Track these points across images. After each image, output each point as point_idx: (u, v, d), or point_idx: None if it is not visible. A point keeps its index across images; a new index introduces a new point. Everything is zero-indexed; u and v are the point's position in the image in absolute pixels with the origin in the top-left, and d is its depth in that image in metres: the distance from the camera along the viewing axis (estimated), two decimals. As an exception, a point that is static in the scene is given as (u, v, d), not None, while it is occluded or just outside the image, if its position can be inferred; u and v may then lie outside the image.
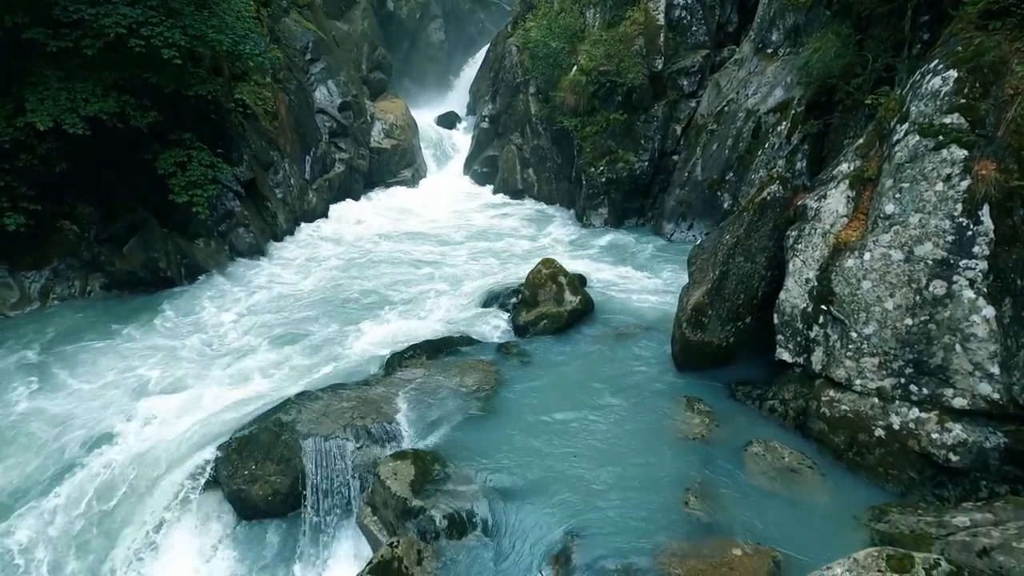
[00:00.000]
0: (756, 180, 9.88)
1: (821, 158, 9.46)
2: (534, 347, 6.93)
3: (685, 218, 11.50)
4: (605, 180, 12.37)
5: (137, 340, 7.50)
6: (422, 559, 4.07)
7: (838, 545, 3.86)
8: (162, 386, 6.50)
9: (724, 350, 6.21)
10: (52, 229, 8.26)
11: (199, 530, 5.09)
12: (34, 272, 8.23)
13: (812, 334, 5.35)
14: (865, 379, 4.93)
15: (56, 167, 7.84)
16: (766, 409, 5.63)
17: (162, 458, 5.38)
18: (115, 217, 8.86)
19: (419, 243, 11.81)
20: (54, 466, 5.39)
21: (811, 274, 5.40)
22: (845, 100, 8.76)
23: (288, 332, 7.75)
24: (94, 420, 5.89)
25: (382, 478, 4.65)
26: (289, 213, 12.38)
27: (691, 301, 6.22)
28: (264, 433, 5.31)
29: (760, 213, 6.05)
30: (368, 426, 5.32)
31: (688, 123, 12.43)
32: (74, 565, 4.73)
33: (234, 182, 10.45)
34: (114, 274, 8.69)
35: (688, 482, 4.65)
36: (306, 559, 4.77)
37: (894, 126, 5.28)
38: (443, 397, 5.82)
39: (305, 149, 13.96)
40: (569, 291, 7.68)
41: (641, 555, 4.01)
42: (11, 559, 4.67)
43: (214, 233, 10.13)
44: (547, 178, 15.12)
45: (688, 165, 11.74)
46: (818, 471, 4.83)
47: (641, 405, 5.74)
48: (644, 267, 9.82)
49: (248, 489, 5.11)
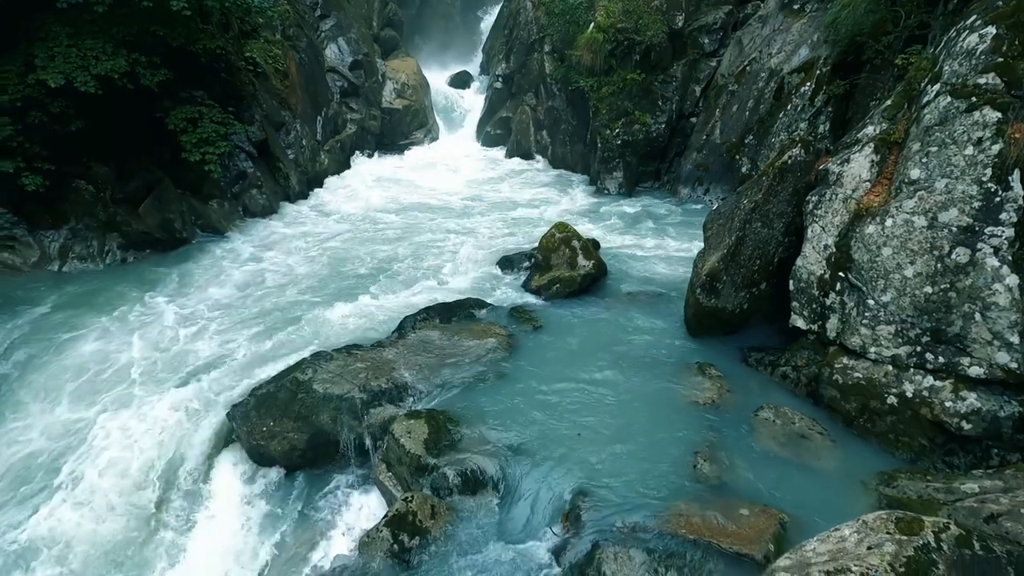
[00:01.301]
0: (776, 143, 9.62)
1: (845, 121, 9.16)
2: (547, 311, 6.95)
3: (702, 182, 11.30)
4: (620, 143, 12.12)
5: (156, 300, 7.63)
6: (435, 514, 4.19)
7: (845, 509, 3.90)
8: (177, 344, 6.64)
9: (737, 316, 6.18)
10: (68, 189, 8.31)
11: (220, 483, 5.27)
12: (53, 231, 8.33)
13: (828, 301, 5.29)
14: (880, 347, 4.89)
15: (70, 125, 7.83)
16: (778, 375, 5.64)
17: (183, 414, 5.54)
18: (129, 177, 8.89)
19: (430, 206, 11.75)
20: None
21: (830, 240, 5.31)
22: (874, 59, 8.41)
23: (300, 293, 7.83)
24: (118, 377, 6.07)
25: (396, 436, 4.76)
26: (301, 175, 12.33)
27: (706, 267, 6.16)
28: (281, 391, 5.43)
29: (780, 177, 5.91)
30: (382, 386, 5.41)
31: (708, 84, 12.06)
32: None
33: (246, 143, 10.40)
34: (130, 234, 8.77)
35: (698, 445, 4.70)
36: (324, 511, 4.94)
37: (925, 87, 5.08)
38: (455, 359, 5.89)
39: (316, 109, 13.79)
40: (582, 255, 7.63)
41: (649, 514, 4.09)
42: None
43: (227, 194, 10.15)
44: (561, 140, 14.85)
45: (706, 128, 11.45)
46: (828, 437, 4.86)
47: (653, 369, 5.76)
48: (659, 232, 9.72)
49: (267, 445, 5.26)
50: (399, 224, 10.67)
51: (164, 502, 5.09)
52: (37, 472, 5.24)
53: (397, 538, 4.03)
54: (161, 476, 5.18)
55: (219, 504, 5.16)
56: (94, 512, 4.91)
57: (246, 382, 5.84)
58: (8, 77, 7.46)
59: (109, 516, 4.91)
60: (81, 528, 4.83)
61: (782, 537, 3.78)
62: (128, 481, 5.11)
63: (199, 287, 8.06)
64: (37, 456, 5.36)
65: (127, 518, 4.93)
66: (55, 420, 5.66)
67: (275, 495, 5.23)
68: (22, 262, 8.05)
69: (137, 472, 5.16)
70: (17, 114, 7.40)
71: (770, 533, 3.81)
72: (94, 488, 5.02)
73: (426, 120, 17.75)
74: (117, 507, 4.95)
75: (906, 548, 1.93)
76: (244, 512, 5.12)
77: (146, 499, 5.05)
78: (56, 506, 4.93)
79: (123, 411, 5.63)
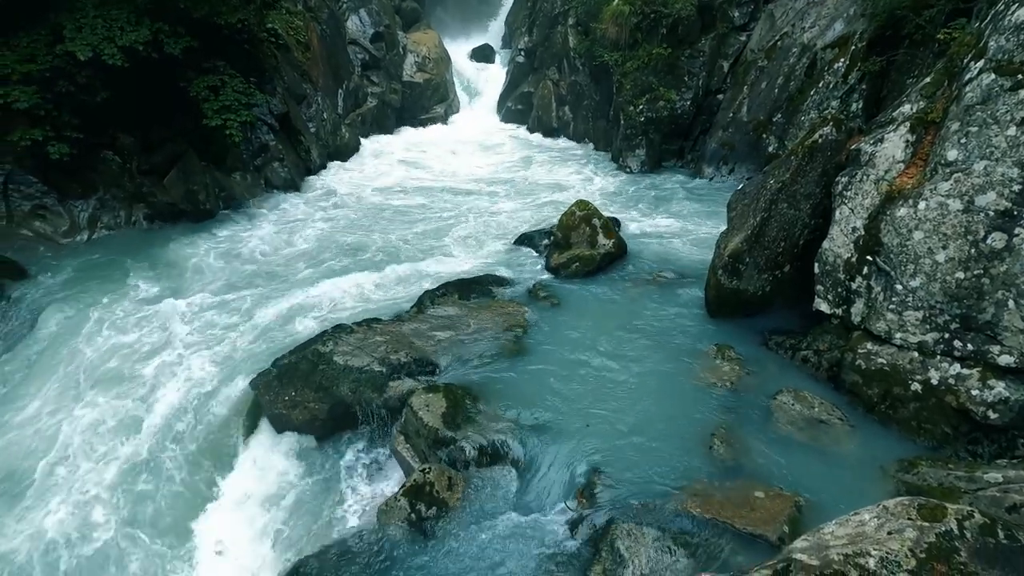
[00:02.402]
0: (806, 122, 9.35)
1: (879, 99, 8.85)
2: (565, 289, 6.93)
3: (727, 161, 11.06)
4: (644, 119, 11.89)
5: (182, 271, 7.77)
6: (452, 485, 4.27)
7: (864, 494, 3.88)
8: (202, 314, 6.78)
9: (759, 299, 6.09)
10: (96, 159, 8.44)
11: (242, 448, 5.43)
12: (82, 201, 8.50)
13: (854, 285, 5.18)
14: (906, 333, 4.79)
15: (97, 96, 7.92)
16: (798, 359, 5.57)
17: (207, 382, 5.69)
18: (155, 148, 8.99)
19: (450, 182, 11.71)
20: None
21: (858, 223, 5.17)
22: (913, 34, 8.07)
23: (320, 266, 7.92)
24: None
25: (415, 409, 4.83)
26: (322, 148, 12.36)
27: (728, 247, 6.06)
28: (303, 362, 5.53)
29: (809, 157, 5.75)
30: (401, 360, 5.48)
31: (736, 59, 11.71)
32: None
33: (268, 115, 10.43)
34: (156, 205, 8.91)
35: (714, 427, 4.69)
36: (344, 479, 5.06)
37: (967, 63, 4.86)
38: (473, 335, 5.92)
39: (337, 82, 13.74)
40: (602, 234, 7.57)
41: (663, 493, 4.12)
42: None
43: (250, 167, 10.23)
44: (583, 116, 14.61)
45: (733, 105, 11.16)
46: (847, 423, 4.80)
47: (671, 350, 5.74)
48: (681, 211, 9.57)
49: (288, 414, 5.38)
50: (418, 199, 10.67)
51: (188, 463, 5.26)
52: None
53: (414, 507, 4.12)
54: (184, 437, 5.35)
55: (241, 469, 5.32)
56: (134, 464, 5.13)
57: (268, 352, 5.96)
58: (37, 47, 7.54)
59: (142, 468, 5.13)
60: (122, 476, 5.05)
61: (798, 520, 3.77)
62: (153, 440, 5.30)
63: (222, 258, 8.18)
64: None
65: (152, 472, 5.13)
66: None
67: (296, 462, 5.36)
68: (53, 231, 8.24)
69: (158, 431, 5.35)
70: (46, 84, 7.50)
71: (785, 515, 3.81)
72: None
73: (447, 94, 17.59)
74: (148, 461, 5.17)
75: (928, 534, 1.91)
76: (265, 478, 5.27)
77: (170, 457, 5.22)
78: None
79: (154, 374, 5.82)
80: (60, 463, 5.18)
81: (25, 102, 7.24)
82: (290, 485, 5.21)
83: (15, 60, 7.36)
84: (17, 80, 7.30)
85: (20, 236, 7.97)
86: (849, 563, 1.84)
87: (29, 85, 7.35)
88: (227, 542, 4.85)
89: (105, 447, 5.30)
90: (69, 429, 5.42)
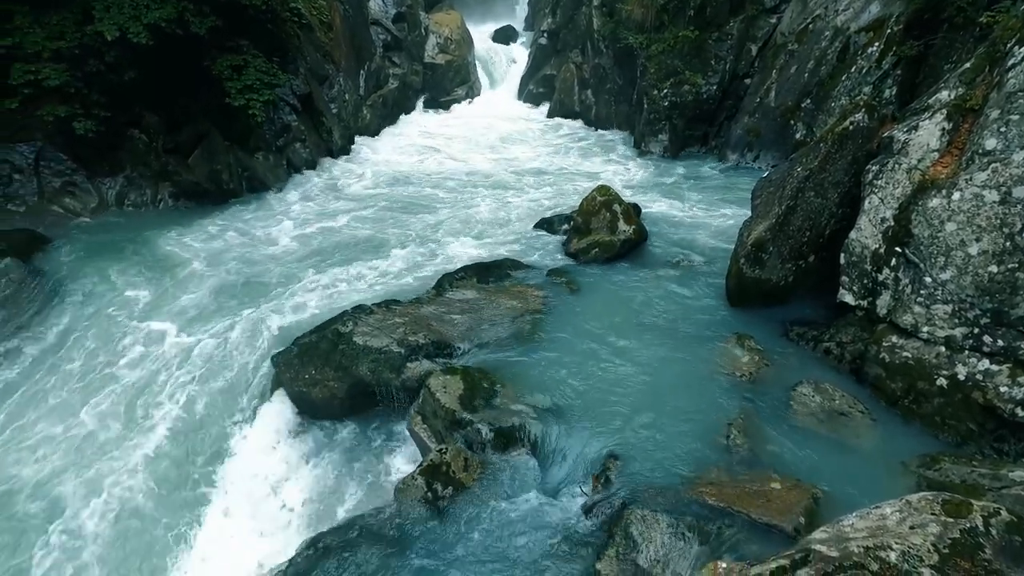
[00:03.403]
0: (836, 108, 9.10)
1: (914, 85, 8.56)
2: (584, 275, 6.89)
3: (752, 148, 10.83)
4: (668, 104, 11.67)
5: (206, 248, 7.90)
6: (468, 466, 4.32)
7: (883, 489, 3.84)
8: (226, 292, 6.90)
9: (781, 288, 6.00)
10: (124, 138, 8.57)
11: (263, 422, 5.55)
12: (110, 179, 8.66)
13: (881, 277, 5.07)
14: (934, 327, 4.69)
15: (124, 75, 8.01)
16: (820, 351, 5.48)
17: (234, 359, 5.81)
18: (180, 127, 9.09)
19: (469, 165, 11.67)
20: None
21: (888, 213, 5.04)
22: (954, 17, 7.76)
23: (341, 247, 7.98)
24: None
25: (432, 390, 4.88)
26: (344, 129, 12.38)
27: (752, 236, 5.97)
28: (323, 342, 5.60)
29: (839, 144, 5.60)
30: (420, 341, 5.52)
31: (766, 42, 11.40)
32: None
33: (291, 95, 10.46)
34: (181, 184, 9.04)
35: (732, 417, 4.65)
36: (362, 457, 5.15)
37: (1011, 48, 4.66)
38: (491, 319, 5.94)
39: (359, 63, 13.71)
40: (623, 220, 7.49)
41: (679, 480, 4.12)
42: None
43: (272, 147, 10.30)
44: (606, 100, 14.40)
45: (761, 90, 10.89)
46: (869, 416, 4.73)
47: (690, 338, 5.69)
48: (703, 198, 9.42)
49: (308, 391, 5.48)
50: (438, 182, 10.66)
51: (210, 432, 5.40)
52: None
53: (431, 486, 4.18)
54: (208, 407, 5.49)
55: (261, 444, 5.44)
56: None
57: (289, 330, 6.05)
58: (66, 24, 7.63)
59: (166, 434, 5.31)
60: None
61: (814, 512, 3.75)
62: (176, 406, 5.46)
63: (243, 236, 8.29)
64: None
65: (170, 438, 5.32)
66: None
67: (315, 439, 5.47)
68: (82, 208, 8.42)
69: (181, 399, 5.50)
70: (75, 62, 7.60)
71: (802, 507, 3.78)
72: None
73: (468, 76, 17.46)
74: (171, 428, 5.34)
75: (952, 530, 1.88)
76: (284, 454, 5.39)
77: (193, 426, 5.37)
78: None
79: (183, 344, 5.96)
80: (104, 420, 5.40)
81: (56, 80, 7.36)
82: (308, 462, 5.32)
83: (45, 38, 7.47)
84: (48, 58, 7.42)
85: (51, 212, 8.16)
86: (869, 556, 1.82)
87: (59, 63, 7.46)
88: (245, 510, 4.99)
89: (130, 410, 5.48)
90: (104, 390, 5.62)
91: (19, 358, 6.08)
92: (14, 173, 8.11)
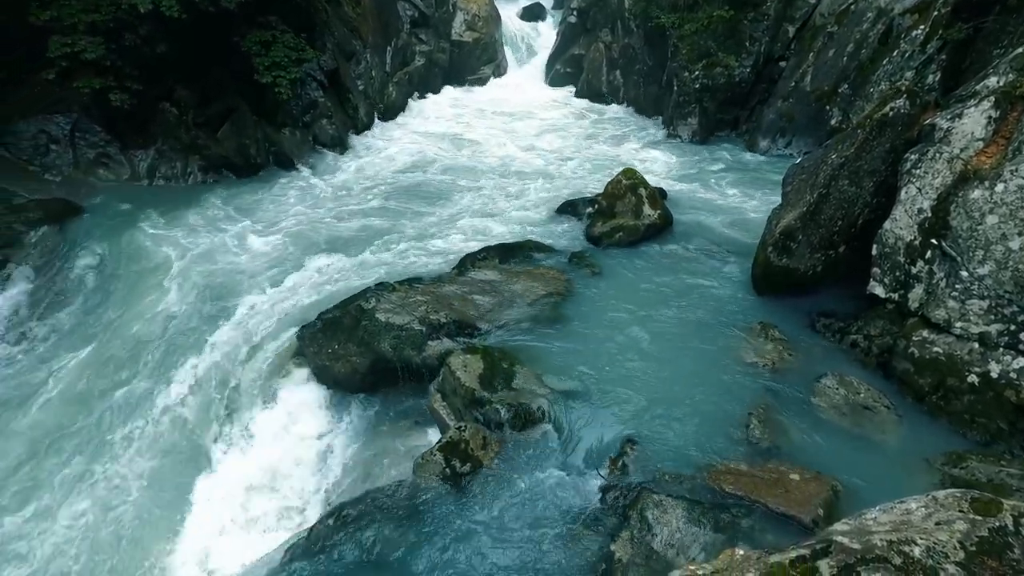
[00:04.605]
0: (875, 94, 8.78)
1: (960, 71, 8.20)
2: (607, 259, 6.85)
3: (784, 134, 10.55)
4: (699, 86, 11.39)
5: (234, 221, 8.03)
6: (486, 445, 4.37)
7: (906, 485, 3.78)
8: (254, 264, 7.02)
9: (809, 278, 5.88)
10: (155, 111, 8.70)
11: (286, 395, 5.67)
12: (142, 151, 8.82)
13: (914, 269, 4.93)
14: (967, 322, 4.55)
15: (157, 48, 8.10)
16: (846, 344, 5.38)
17: (259, 329, 5.95)
18: (209, 102, 9.19)
19: (495, 144, 11.59)
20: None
21: (926, 203, 4.88)
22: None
23: (364, 224, 8.04)
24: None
25: (452, 369, 4.92)
26: (369, 106, 12.38)
27: (781, 224, 5.84)
28: (346, 317, 5.68)
29: (877, 131, 5.42)
30: (441, 320, 5.56)
31: (804, 24, 11.00)
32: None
33: (318, 71, 10.47)
34: (210, 157, 9.17)
35: (752, 406, 4.61)
36: (382, 432, 5.25)
37: (1068, 33, 4.43)
38: (512, 300, 5.95)
39: (386, 39, 13.64)
40: (648, 204, 7.39)
41: (695, 467, 4.11)
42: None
43: (299, 123, 10.36)
44: (635, 82, 14.12)
45: (796, 73, 10.56)
46: (894, 411, 4.65)
47: (712, 326, 5.63)
48: (731, 184, 9.24)
49: (331, 366, 5.57)
50: (462, 162, 10.62)
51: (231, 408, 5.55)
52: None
53: (449, 463, 4.24)
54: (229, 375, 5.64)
55: (282, 414, 5.56)
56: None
57: (313, 305, 6.14)
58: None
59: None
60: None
61: (833, 505, 3.71)
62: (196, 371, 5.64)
63: (270, 211, 8.41)
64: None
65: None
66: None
67: (337, 412, 5.58)
68: (115, 178, 8.61)
69: (202, 364, 5.68)
70: (110, 35, 7.71)
71: (821, 499, 3.75)
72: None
73: (495, 55, 17.26)
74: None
75: (980, 528, 1.85)
76: (306, 426, 5.51)
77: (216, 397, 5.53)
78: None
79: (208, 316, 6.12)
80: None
81: (92, 53, 7.48)
82: (329, 435, 5.43)
83: (80, 10, 7.57)
84: (83, 30, 7.53)
85: (85, 183, 8.37)
86: (893, 549, 1.80)
87: (95, 36, 7.56)
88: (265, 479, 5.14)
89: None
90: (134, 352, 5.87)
91: (55, 323, 6.30)
92: (51, 143, 8.31)
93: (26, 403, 5.49)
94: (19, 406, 5.48)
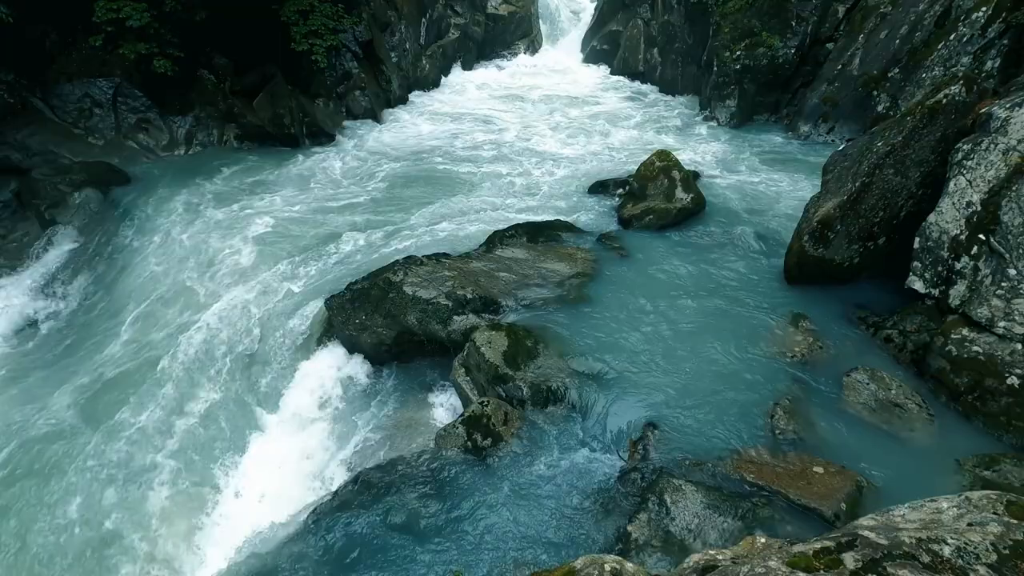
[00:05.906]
0: (928, 80, 8.39)
1: (1022, 58, 7.76)
2: (636, 242, 6.76)
3: (827, 119, 10.17)
4: (740, 67, 11.02)
5: (268, 189, 8.16)
6: (508, 420, 4.42)
7: (934, 485, 3.71)
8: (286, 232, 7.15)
9: (845, 270, 5.72)
10: (194, 78, 8.82)
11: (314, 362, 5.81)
12: (180, 118, 8.99)
13: (958, 265, 4.75)
14: (1012, 322, 4.39)
15: (196, 15, 8.18)
16: (880, 338, 5.24)
17: (291, 297, 6.07)
18: (245, 71, 9.27)
19: (527, 123, 11.46)
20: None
21: (975, 197, 4.68)
22: (1080, -19, 6.92)
23: (395, 198, 8.08)
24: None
25: (477, 344, 4.96)
26: (403, 79, 12.33)
27: (819, 212, 5.67)
28: (374, 289, 5.76)
29: (928, 119, 5.19)
30: (467, 296, 5.59)
31: (855, 3, 10.50)
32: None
33: (353, 42, 10.45)
34: (246, 126, 9.29)
35: (778, 396, 4.55)
36: (407, 402, 5.35)
37: None
38: (539, 279, 5.94)
39: (421, 11, 13.50)
40: (681, 187, 7.25)
41: (717, 455, 4.09)
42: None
43: (333, 94, 10.40)
44: (673, 61, 13.74)
45: (844, 56, 10.12)
46: (926, 410, 4.53)
47: (740, 314, 5.54)
48: (768, 170, 8.98)
49: (358, 336, 5.67)
50: (493, 138, 10.54)
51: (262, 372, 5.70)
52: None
53: (471, 436, 4.31)
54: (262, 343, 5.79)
55: (310, 383, 5.70)
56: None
57: (342, 274, 6.24)
58: (142, -39, 7.81)
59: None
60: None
61: (857, 500, 3.67)
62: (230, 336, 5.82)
63: (303, 181, 8.51)
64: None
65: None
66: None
67: (362, 382, 5.70)
68: (155, 144, 8.80)
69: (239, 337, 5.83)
70: (153, 1, 7.80)
71: (844, 493, 3.71)
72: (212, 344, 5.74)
73: (530, 29, 16.96)
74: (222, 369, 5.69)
75: (1015, 532, 1.80)
76: (332, 393, 5.64)
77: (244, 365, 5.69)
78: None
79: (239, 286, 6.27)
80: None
81: (137, 20, 7.59)
82: (354, 403, 5.55)
83: (124, -25, 7.67)
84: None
85: (126, 147, 8.58)
86: (922, 547, 1.77)
87: (139, 1, 7.67)
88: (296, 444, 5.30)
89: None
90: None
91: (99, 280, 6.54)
92: (95, 107, 8.51)
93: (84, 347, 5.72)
94: (75, 353, 5.76)
